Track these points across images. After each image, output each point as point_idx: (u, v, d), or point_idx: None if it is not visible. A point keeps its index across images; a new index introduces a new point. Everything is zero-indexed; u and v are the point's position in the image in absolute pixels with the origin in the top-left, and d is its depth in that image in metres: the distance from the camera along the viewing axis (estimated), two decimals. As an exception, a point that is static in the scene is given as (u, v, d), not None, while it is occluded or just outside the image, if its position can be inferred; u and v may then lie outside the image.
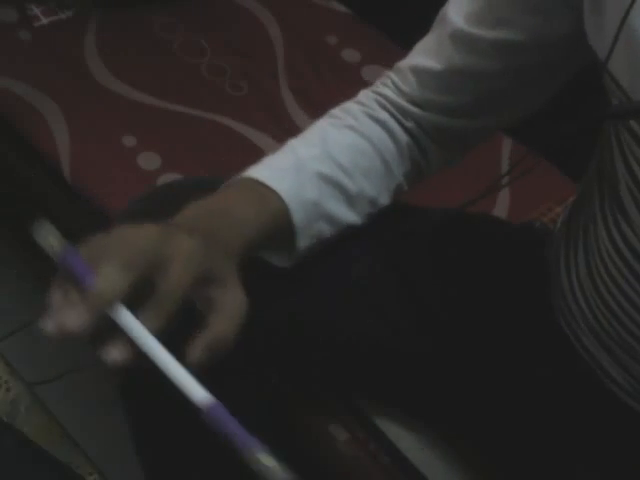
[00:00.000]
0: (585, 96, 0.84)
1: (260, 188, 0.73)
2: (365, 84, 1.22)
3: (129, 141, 1.29)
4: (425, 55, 0.79)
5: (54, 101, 1.32)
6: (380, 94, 0.82)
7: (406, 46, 0.85)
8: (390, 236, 0.84)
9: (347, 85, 1.42)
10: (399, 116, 0.81)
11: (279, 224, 0.73)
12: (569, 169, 1.32)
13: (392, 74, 0.83)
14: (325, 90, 1.40)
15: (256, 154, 1.38)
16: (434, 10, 0.81)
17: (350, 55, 1.46)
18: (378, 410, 0.92)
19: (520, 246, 0.90)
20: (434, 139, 0.82)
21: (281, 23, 1.50)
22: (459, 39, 0.76)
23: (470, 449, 0.90)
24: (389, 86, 0.82)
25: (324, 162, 0.77)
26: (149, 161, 1.26)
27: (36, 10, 1.45)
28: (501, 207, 1.27)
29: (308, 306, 0.80)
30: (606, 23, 0.65)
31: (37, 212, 0.68)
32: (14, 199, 1.45)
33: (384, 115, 0.80)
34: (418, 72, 0.79)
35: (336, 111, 0.82)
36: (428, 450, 0.90)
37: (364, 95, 0.83)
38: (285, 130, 1.33)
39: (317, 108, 1.38)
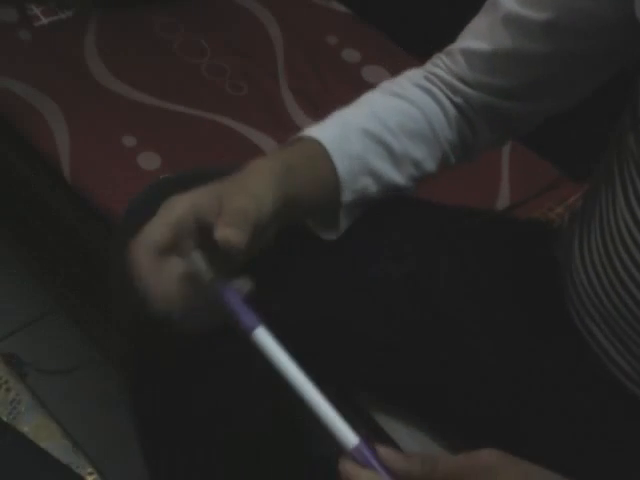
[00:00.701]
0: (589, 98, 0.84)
1: (305, 140, 0.75)
2: (365, 84, 1.22)
3: (129, 141, 1.29)
4: (475, 38, 0.81)
5: (54, 101, 1.32)
6: (430, 72, 0.84)
7: (406, 46, 0.85)
8: (399, 231, 0.84)
9: (347, 85, 1.43)
10: (448, 92, 0.82)
11: (324, 173, 0.74)
12: (569, 169, 1.32)
13: (442, 56, 0.84)
14: (325, 90, 1.40)
15: (256, 154, 1.38)
16: (434, 10, 0.81)
17: (350, 55, 1.46)
18: (380, 409, 0.92)
19: (528, 242, 0.90)
20: (482, 116, 0.84)
21: (281, 23, 1.50)
22: (511, 21, 0.77)
23: (472, 447, 0.90)
24: (439, 66, 0.84)
25: (370, 120, 0.78)
26: (149, 161, 1.26)
27: (36, 10, 1.45)
28: (501, 207, 1.27)
29: (315, 301, 0.81)
30: None
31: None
32: (14, 199, 1.45)
33: (432, 87, 0.82)
34: (467, 54, 0.81)
35: (385, 83, 0.84)
36: (429, 450, 0.90)
37: (412, 71, 0.85)
38: (285, 130, 1.33)
39: (317, 108, 1.39)
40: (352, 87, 1.41)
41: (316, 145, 0.75)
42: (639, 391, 0.79)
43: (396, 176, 0.79)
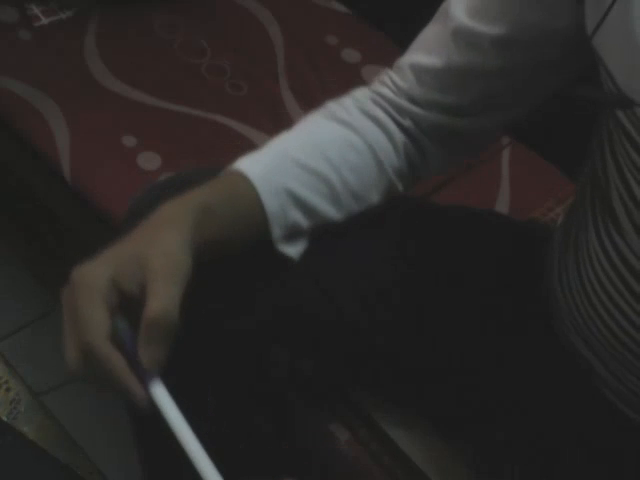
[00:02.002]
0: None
1: (233, 176, 0.73)
2: (365, 84, 1.22)
3: (129, 141, 1.29)
4: (425, 52, 0.78)
5: (54, 101, 1.32)
6: (377, 93, 0.81)
7: (406, 46, 0.84)
8: (399, 232, 0.84)
9: (347, 85, 1.42)
10: (395, 114, 0.80)
11: (249, 211, 0.72)
12: (569, 169, 1.32)
13: (391, 72, 0.82)
14: (325, 90, 1.40)
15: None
16: (434, 10, 0.81)
17: (350, 55, 1.46)
18: (379, 410, 0.92)
19: (529, 245, 0.90)
20: (433, 138, 0.81)
21: (281, 23, 1.50)
22: (460, 36, 0.75)
23: (470, 449, 0.90)
24: (388, 85, 0.81)
25: (308, 152, 0.76)
26: (149, 161, 1.26)
27: (36, 10, 1.44)
28: (501, 207, 1.27)
29: (314, 301, 0.80)
30: (606, 18, 0.64)
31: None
32: (14, 199, 1.45)
33: (378, 112, 0.80)
34: (417, 70, 0.79)
35: (331, 104, 0.82)
36: (429, 450, 0.90)
37: (360, 92, 0.83)
38: (285, 130, 1.33)
39: (317, 108, 1.39)
40: (352, 87, 1.40)
41: (242, 182, 0.72)
42: (626, 409, 0.79)
43: (331, 210, 0.76)
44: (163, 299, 0.61)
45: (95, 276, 0.63)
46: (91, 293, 0.62)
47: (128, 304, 0.63)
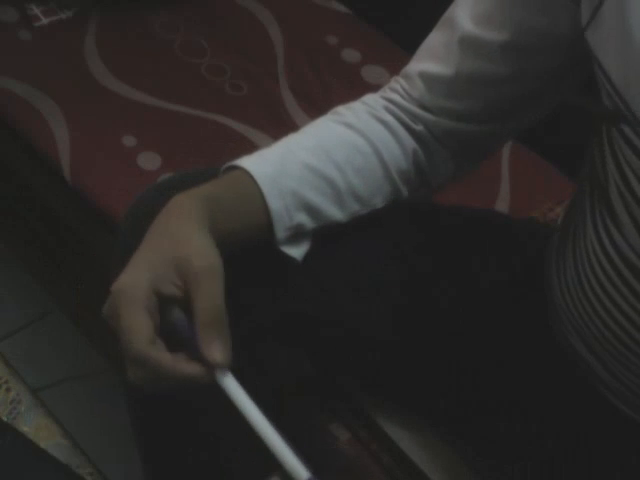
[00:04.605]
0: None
1: (239, 174, 0.73)
2: (365, 84, 1.22)
3: (129, 141, 1.29)
4: (433, 60, 0.78)
5: (54, 101, 1.32)
6: (388, 99, 0.81)
7: (406, 46, 0.84)
8: (400, 231, 0.84)
9: (347, 85, 1.43)
10: (407, 120, 0.80)
11: (255, 210, 0.72)
12: (569, 169, 1.32)
13: (401, 80, 0.82)
14: (325, 90, 1.40)
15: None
16: (434, 10, 0.81)
17: (350, 55, 1.46)
18: (379, 410, 0.92)
19: (530, 245, 0.90)
20: (444, 144, 0.81)
21: (281, 23, 1.50)
22: (467, 43, 0.75)
23: (470, 449, 0.90)
24: (398, 91, 0.81)
25: (314, 153, 0.76)
26: (149, 161, 1.26)
27: (36, 10, 1.45)
28: (501, 207, 1.27)
29: (315, 301, 0.80)
30: (602, 16, 0.64)
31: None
32: (14, 199, 1.45)
33: (389, 117, 0.80)
34: (426, 78, 0.79)
35: (340, 108, 0.82)
36: (429, 450, 0.90)
37: (371, 97, 0.82)
38: (285, 130, 1.32)
39: (317, 108, 1.39)
40: (352, 87, 1.41)
41: (247, 180, 0.73)
42: (625, 408, 0.78)
43: (336, 212, 0.77)
44: (211, 297, 0.63)
45: (133, 286, 0.64)
46: (130, 303, 0.63)
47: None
